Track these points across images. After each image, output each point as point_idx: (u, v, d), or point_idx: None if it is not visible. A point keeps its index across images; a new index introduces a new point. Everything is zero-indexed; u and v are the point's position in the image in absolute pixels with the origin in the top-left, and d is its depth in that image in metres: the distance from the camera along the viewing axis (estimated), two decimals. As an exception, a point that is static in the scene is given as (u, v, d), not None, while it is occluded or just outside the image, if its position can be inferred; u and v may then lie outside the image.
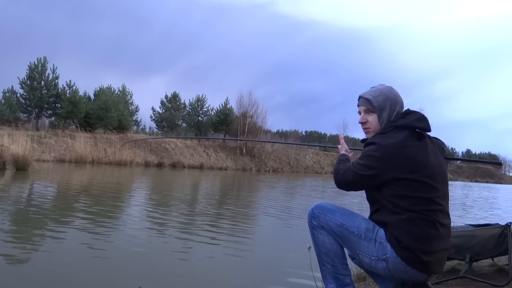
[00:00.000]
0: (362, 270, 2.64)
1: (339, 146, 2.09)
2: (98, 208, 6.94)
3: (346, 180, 1.75)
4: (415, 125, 1.69)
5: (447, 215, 1.66)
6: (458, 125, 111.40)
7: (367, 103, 1.81)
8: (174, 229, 5.62)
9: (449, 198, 1.78)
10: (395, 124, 1.71)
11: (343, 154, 1.98)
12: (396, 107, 1.79)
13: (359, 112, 1.87)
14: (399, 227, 1.58)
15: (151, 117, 38.27)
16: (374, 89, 1.83)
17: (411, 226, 1.57)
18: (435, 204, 1.62)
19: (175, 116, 37.63)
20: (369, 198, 1.79)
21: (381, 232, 1.63)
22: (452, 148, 65.41)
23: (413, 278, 1.62)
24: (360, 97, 1.86)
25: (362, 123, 1.85)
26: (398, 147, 1.62)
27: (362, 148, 1.79)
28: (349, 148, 2.08)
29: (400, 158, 1.61)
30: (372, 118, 1.81)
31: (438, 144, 1.79)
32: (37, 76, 26.84)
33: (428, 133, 1.77)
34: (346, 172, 1.75)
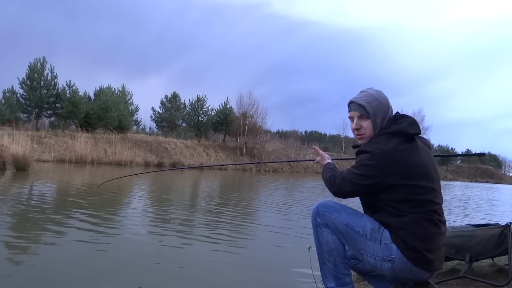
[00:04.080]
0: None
1: (319, 158, 2.09)
2: (97, 209, 6.94)
3: (344, 190, 1.74)
4: (408, 131, 1.67)
5: (443, 212, 1.69)
6: (456, 125, 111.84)
7: (361, 109, 1.77)
8: (173, 229, 5.62)
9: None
10: (388, 131, 1.70)
11: (329, 163, 1.99)
12: (388, 111, 1.77)
13: (351, 118, 1.83)
14: (404, 229, 1.59)
15: (151, 117, 38.38)
16: (366, 94, 1.79)
17: (415, 227, 1.58)
18: (434, 204, 1.64)
19: (175, 116, 37.66)
20: (364, 203, 1.79)
21: (386, 233, 1.64)
22: (452, 148, 65.33)
23: (417, 277, 1.64)
24: (351, 102, 1.82)
25: (356, 129, 1.81)
26: (392, 154, 1.62)
27: (354, 157, 1.79)
28: (334, 158, 2.10)
29: (395, 165, 1.60)
30: (367, 124, 1.77)
31: (426, 142, 1.79)
32: (36, 76, 26.85)
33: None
34: (343, 182, 1.73)
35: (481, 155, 3.41)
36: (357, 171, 1.67)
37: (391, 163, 1.60)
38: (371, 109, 1.74)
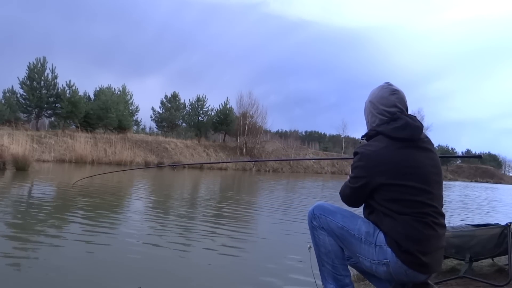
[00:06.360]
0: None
1: None
2: (97, 209, 6.94)
3: (348, 200, 1.78)
4: (391, 134, 1.65)
5: (441, 215, 1.65)
6: (454, 125, 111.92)
7: None
8: (173, 230, 5.61)
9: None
10: (377, 130, 1.72)
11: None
12: (374, 110, 1.77)
13: None
14: (397, 231, 1.58)
15: (151, 117, 38.37)
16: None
17: (409, 229, 1.57)
18: (428, 206, 1.60)
19: (175, 116, 37.65)
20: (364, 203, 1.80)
21: (381, 236, 1.63)
22: (452, 148, 65.42)
23: (414, 280, 1.63)
24: None
25: None
26: (380, 153, 1.62)
27: (352, 157, 1.82)
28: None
29: (383, 165, 1.61)
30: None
31: (431, 142, 1.76)
32: (37, 76, 26.85)
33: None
34: (345, 190, 1.78)
35: (478, 157, 3.36)
36: (351, 174, 1.72)
37: (380, 163, 1.61)
38: (365, 106, 1.87)
